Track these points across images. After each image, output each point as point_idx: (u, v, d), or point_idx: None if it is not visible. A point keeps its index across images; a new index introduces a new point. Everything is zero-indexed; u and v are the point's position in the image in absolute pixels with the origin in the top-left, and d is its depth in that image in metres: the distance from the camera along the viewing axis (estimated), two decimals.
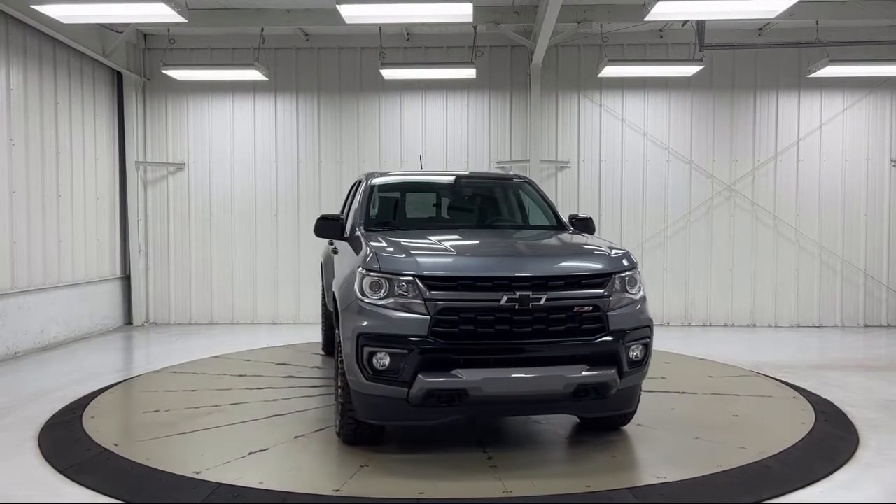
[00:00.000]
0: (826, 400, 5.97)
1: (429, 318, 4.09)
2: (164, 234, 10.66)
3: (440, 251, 4.54)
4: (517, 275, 4.21)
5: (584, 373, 4.17)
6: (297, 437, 4.86)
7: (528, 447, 4.78)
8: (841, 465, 4.42)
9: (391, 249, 4.43)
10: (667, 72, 9.87)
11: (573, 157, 10.40)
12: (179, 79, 10.08)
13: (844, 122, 10.29)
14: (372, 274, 4.28)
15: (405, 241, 4.64)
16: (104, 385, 6.44)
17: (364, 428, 4.50)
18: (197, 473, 4.12)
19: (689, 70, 9.59)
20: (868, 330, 10.12)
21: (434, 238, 4.85)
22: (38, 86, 8.59)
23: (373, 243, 4.59)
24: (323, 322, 7.77)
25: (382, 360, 4.11)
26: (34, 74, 8.52)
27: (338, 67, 10.51)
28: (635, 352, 4.42)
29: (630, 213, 10.37)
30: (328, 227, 5.33)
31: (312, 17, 9.40)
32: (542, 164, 10.18)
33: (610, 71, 9.48)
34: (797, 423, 5.21)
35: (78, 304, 9.31)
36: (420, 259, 4.28)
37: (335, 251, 6.01)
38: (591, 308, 4.26)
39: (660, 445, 4.75)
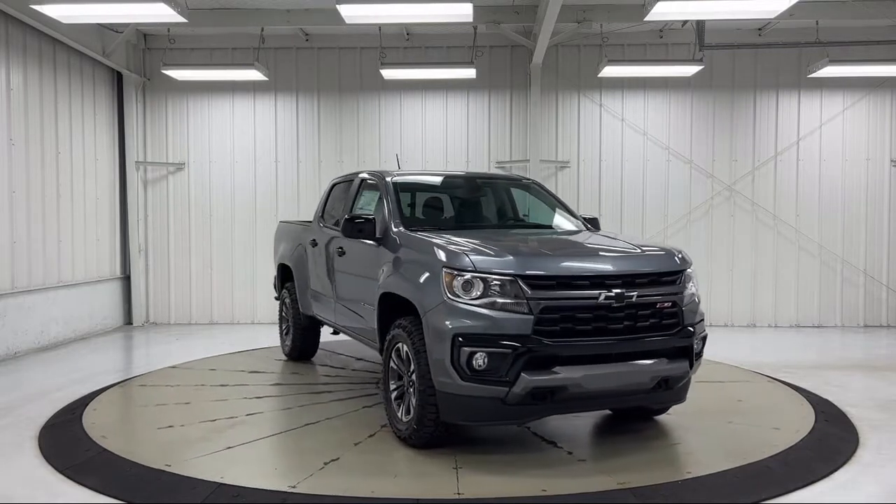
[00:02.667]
0: (826, 400, 5.97)
1: (532, 317, 4.11)
2: (164, 234, 10.66)
3: (532, 251, 4.61)
4: (611, 273, 4.35)
5: (665, 366, 4.39)
6: (356, 443, 4.74)
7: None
8: (841, 465, 4.42)
9: (481, 249, 4.40)
10: (667, 72, 9.87)
11: (573, 157, 10.39)
12: (179, 79, 10.08)
13: (844, 122, 10.29)
14: (465, 274, 4.23)
15: (482, 241, 4.64)
16: (104, 385, 6.43)
17: (441, 430, 4.46)
18: (293, 487, 3.96)
19: (689, 70, 9.59)
20: (868, 330, 10.12)
21: (496, 238, 4.92)
22: (38, 86, 8.59)
23: (448, 244, 4.54)
24: (294, 326, 7.29)
25: (483, 360, 4.08)
26: (34, 74, 8.52)
27: (338, 67, 10.51)
28: (699, 345, 4.66)
29: (630, 213, 10.37)
30: (361, 227, 5.24)
31: (312, 17, 9.40)
32: (542, 164, 10.18)
33: (610, 71, 9.48)
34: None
35: (78, 304, 9.31)
36: (518, 259, 4.29)
37: (341, 252, 5.94)
38: (670, 304, 4.47)
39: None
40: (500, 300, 4.16)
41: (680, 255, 4.74)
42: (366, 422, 5.22)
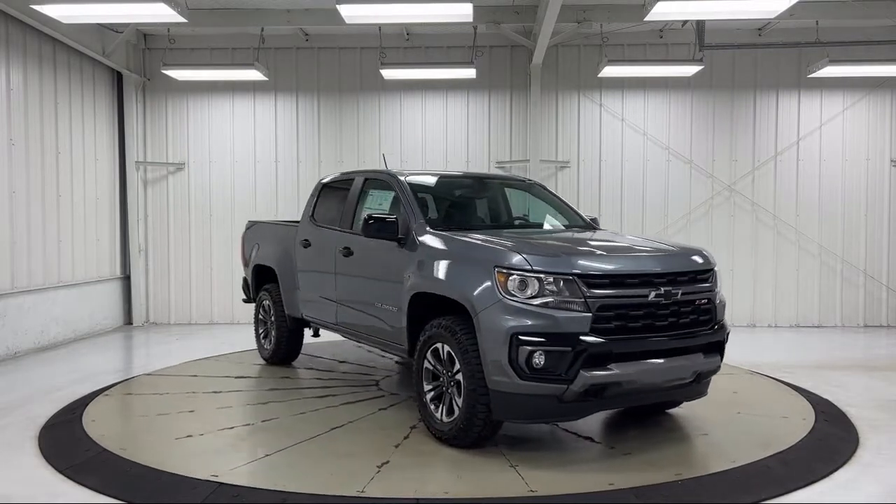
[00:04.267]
0: (826, 400, 5.98)
1: (590, 315, 4.19)
2: (164, 234, 10.66)
3: (586, 251, 4.68)
4: (659, 271, 4.48)
5: (702, 360, 4.58)
6: (396, 445, 4.70)
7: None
8: (841, 465, 4.42)
9: (536, 249, 4.48)
10: (667, 72, 9.87)
11: (573, 157, 10.39)
12: (179, 79, 10.09)
13: (844, 122, 10.29)
14: (520, 273, 4.26)
15: (528, 241, 4.78)
16: (104, 385, 6.43)
17: (489, 430, 4.49)
18: (361, 492, 3.91)
19: (689, 70, 9.59)
20: (868, 330, 10.12)
21: (528, 238, 5.03)
22: (38, 86, 8.59)
23: (498, 244, 4.58)
24: (278, 329, 7.06)
25: (541, 358, 4.12)
26: (34, 74, 8.52)
27: (338, 67, 10.51)
28: (726, 341, 4.84)
29: (630, 213, 10.37)
30: (383, 227, 5.19)
31: (312, 17, 9.40)
32: (542, 164, 10.18)
33: (610, 71, 9.48)
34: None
35: (78, 304, 9.31)
36: (575, 258, 4.38)
37: (346, 253, 5.83)
38: (705, 301, 4.66)
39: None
40: (556, 299, 4.21)
41: (709, 255, 4.93)
42: (392, 423, 5.17)
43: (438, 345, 4.68)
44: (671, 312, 4.45)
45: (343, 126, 10.51)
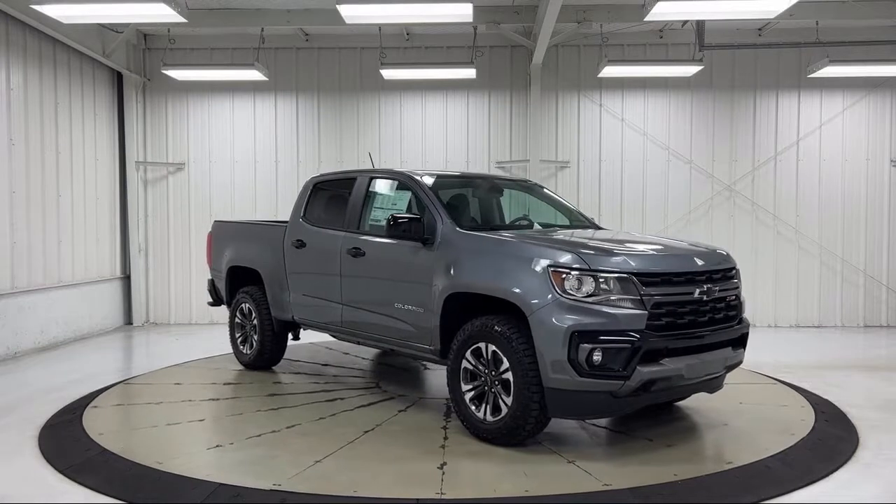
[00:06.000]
0: (826, 400, 5.98)
1: (645, 312, 4.31)
2: (164, 234, 10.67)
3: (639, 250, 4.78)
4: (701, 269, 4.69)
5: (731, 354, 4.81)
6: (441, 446, 4.68)
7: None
8: (841, 465, 4.42)
9: (592, 248, 4.59)
10: (667, 72, 9.87)
11: (573, 157, 10.39)
12: (179, 79, 10.09)
13: (844, 122, 10.29)
14: (577, 272, 4.34)
15: (578, 240, 4.95)
16: (104, 385, 6.43)
17: (539, 426, 4.55)
18: (441, 494, 3.88)
19: (689, 70, 9.59)
20: (868, 330, 10.12)
21: (562, 237, 5.20)
22: (38, 86, 8.59)
23: (549, 244, 4.70)
24: (262, 333, 6.82)
25: (601, 355, 4.21)
26: (34, 74, 8.52)
27: (338, 67, 10.51)
28: (748, 335, 5.07)
29: (630, 213, 10.37)
30: (410, 228, 5.17)
31: (312, 17, 9.40)
32: (542, 164, 10.18)
33: (610, 71, 9.48)
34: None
35: (78, 304, 9.31)
36: (631, 258, 4.50)
37: (356, 253, 5.74)
38: (734, 297, 4.90)
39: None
40: (613, 297, 4.31)
41: (730, 254, 5.18)
42: (420, 424, 5.16)
43: (481, 344, 4.69)
44: (709, 308, 4.64)
45: (343, 126, 10.51)
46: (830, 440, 4.90)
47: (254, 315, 6.93)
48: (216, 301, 7.67)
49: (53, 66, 8.89)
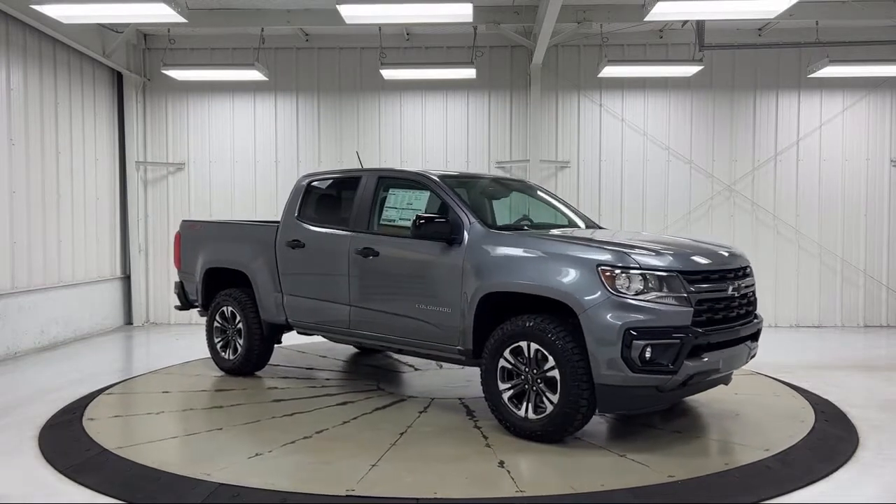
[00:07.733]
0: (826, 400, 5.98)
1: (691, 309, 4.48)
2: (164, 234, 10.66)
3: (683, 249, 4.92)
4: (732, 266, 4.92)
5: (752, 346, 5.06)
6: (486, 445, 4.68)
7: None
8: (841, 465, 4.42)
9: (641, 248, 4.67)
10: (667, 72, 9.87)
11: (573, 157, 10.39)
12: (179, 79, 10.09)
13: (844, 122, 10.29)
14: (627, 271, 4.45)
15: (625, 239, 5.06)
16: (104, 385, 6.43)
17: (585, 422, 4.63)
18: (521, 491, 3.89)
19: (689, 70, 9.59)
20: (868, 330, 10.12)
21: (605, 237, 5.28)
22: (38, 86, 8.60)
23: (597, 243, 4.80)
24: (249, 337, 6.59)
25: (651, 351, 4.33)
26: (34, 74, 8.52)
27: (338, 67, 10.51)
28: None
29: (630, 213, 10.37)
30: (437, 228, 5.14)
31: (312, 17, 9.40)
32: (542, 164, 10.18)
33: (610, 71, 9.48)
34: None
35: (78, 304, 9.31)
36: (677, 257, 4.67)
37: (367, 253, 5.63)
38: (752, 293, 5.15)
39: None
40: (663, 294, 4.45)
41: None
42: (451, 425, 5.13)
43: (522, 343, 4.71)
44: (738, 304, 4.86)
45: (343, 126, 10.51)
46: (830, 440, 4.90)
47: (238, 319, 6.66)
48: (185, 305, 7.34)
49: (53, 65, 8.89)
